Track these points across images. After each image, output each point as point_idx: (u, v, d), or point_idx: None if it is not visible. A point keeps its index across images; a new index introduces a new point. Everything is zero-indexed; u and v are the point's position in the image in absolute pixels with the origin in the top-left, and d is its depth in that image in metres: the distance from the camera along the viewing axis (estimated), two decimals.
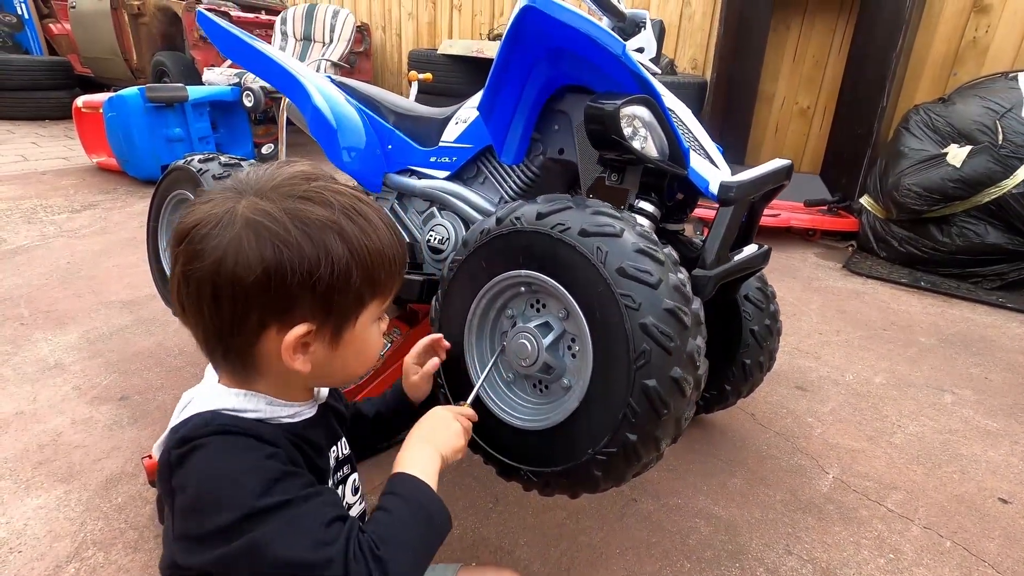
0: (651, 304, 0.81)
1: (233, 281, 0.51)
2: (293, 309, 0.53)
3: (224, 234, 0.51)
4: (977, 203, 2.55)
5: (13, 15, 6.01)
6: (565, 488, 0.92)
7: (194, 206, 0.55)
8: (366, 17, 5.63)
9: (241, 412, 0.55)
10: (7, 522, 1.16)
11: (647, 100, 1.01)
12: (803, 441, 1.53)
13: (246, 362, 0.56)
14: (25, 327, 1.88)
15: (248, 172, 0.58)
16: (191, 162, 1.52)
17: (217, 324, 0.53)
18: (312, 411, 0.63)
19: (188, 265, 0.52)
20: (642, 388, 0.81)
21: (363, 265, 0.55)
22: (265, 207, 0.52)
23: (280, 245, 0.51)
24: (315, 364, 0.57)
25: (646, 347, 0.80)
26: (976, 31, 3.05)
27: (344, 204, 0.55)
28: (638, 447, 0.84)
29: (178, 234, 0.54)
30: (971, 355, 2.02)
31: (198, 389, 0.59)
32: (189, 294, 0.53)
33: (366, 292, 0.57)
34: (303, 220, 0.52)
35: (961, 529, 1.26)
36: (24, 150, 4.27)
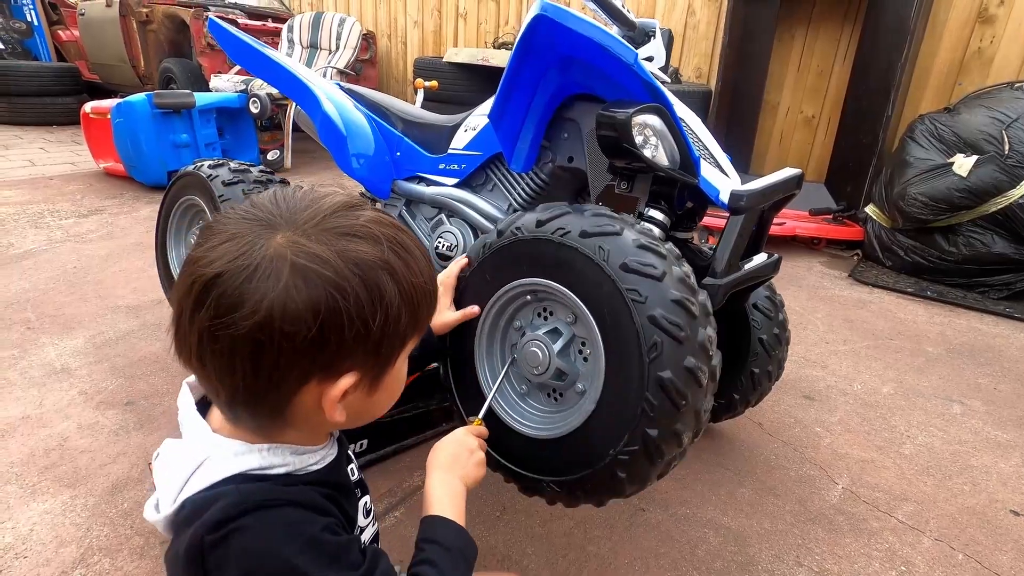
0: (658, 296, 0.82)
1: (281, 338, 0.43)
2: (341, 360, 0.47)
3: (268, 283, 0.43)
4: (983, 213, 2.55)
5: (23, 22, 6.07)
6: (590, 495, 0.90)
7: (210, 243, 0.45)
8: (372, 25, 5.67)
9: (268, 469, 0.49)
10: (13, 527, 1.15)
11: (658, 109, 1.01)
12: (811, 451, 1.52)
13: (277, 417, 0.50)
14: (32, 331, 1.88)
15: (274, 199, 0.49)
16: (201, 168, 1.52)
17: (251, 382, 0.46)
18: (334, 451, 0.58)
19: (220, 321, 0.43)
20: (657, 380, 0.81)
21: (410, 304, 0.49)
22: (312, 248, 0.44)
23: (335, 293, 0.44)
24: (351, 411, 0.51)
25: (657, 339, 0.80)
26: (981, 41, 3.05)
27: (390, 237, 0.49)
28: (660, 443, 0.83)
29: (198, 281, 0.44)
30: (979, 365, 2.01)
31: (200, 446, 0.50)
32: (217, 351, 0.45)
33: (409, 332, 0.51)
34: (357, 263, 0.45)
35: (973, 542, 1.25)
36: (32, 155, 4.29)
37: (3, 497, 1.22)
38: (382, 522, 1.21)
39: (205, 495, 0.46)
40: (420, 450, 1.44)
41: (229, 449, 0.49)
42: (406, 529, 1.20)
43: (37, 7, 6.07)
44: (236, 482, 0.47)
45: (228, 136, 3.90)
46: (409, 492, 1.30)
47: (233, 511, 0.44)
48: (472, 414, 0.96)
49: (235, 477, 0.47)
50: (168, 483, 0.48)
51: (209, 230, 0.47)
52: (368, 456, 1.34)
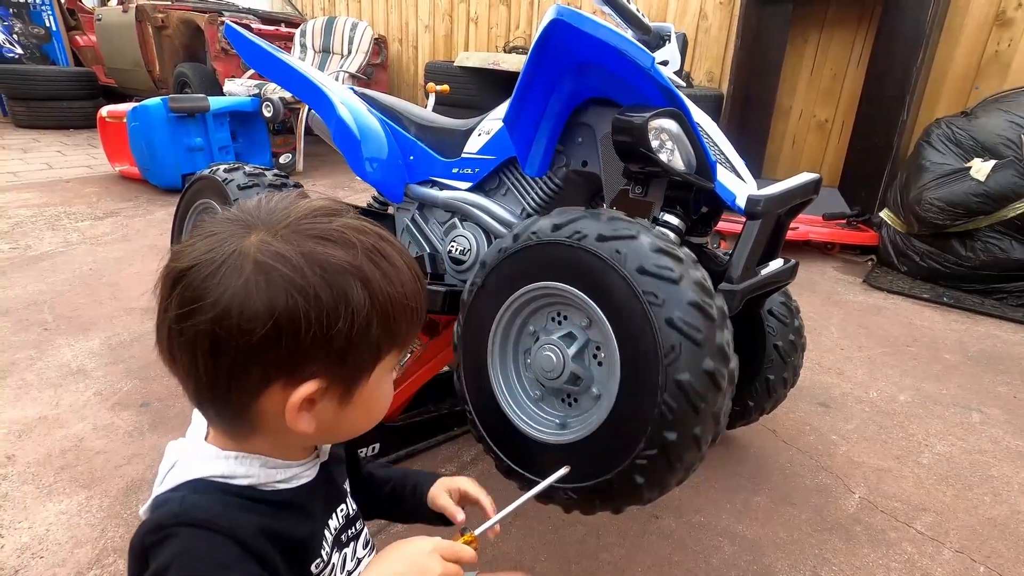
0: (675, 299, 0.81)
1: (238, 334, 0.44)
2: (303, 364, 0.46)
3: (229, 279, 0.44)
4: (1002, 218, 2.51)
5: (41, 27, 6.17)
6: (608, 502, 0.90)
7: (191, 241, 0.47)
8: (383, 30, 5.71)
9: (231, 479, 0.49)
10: (30, 527, 1.16)
11: (675, 113, 1.01)
12: (827, 459, 1.50)
13: (242, 419, 0.49)
14: (49, 332, 1.90)
15: (258, 203, 0.50)
16: (216, 172, 1.54)
17: (212, 379, 0.46)
18: (311, 474, 0.56)
19: (183, 313, 0.44)
20: (676, 383, 0.80)
21: (384, 315, 0.48)
22: (279, 248, 0.45)
23: (295, 293, 0.44)
24: (320, 423, 0.50)
25: (675, 342, 0.80)
26: (999, 45, 3.02)
27: (367, 245, 0.48)
28: (679, 447, 0.82)
29: (170, 275, 0.46)
30: (998, 373, 1.98)
31: (184, 446, 0.52)
32: (182, 344, 0.45)
33: (384, 344, 0.50)
34: (322, 265, 0.45)
35: (995, 553, 1.22)
36: (49, 158, 4.36)
37: (20, 497, 1.23)
38: (393, 527, 1.21)
39: (163, 496, 0.48)
40: (431, 455, 1.44)
41: (199, 452, 0.50)
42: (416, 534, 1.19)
43: (55, 12, 6.17)
44: (193, 486, 0.48)
45: (241, 140, 3.94)
46: None
47: (170, 520, 0.45)
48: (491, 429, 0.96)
49: (194, 482, 0.48)
50: (156, 481, 0.51)
51: (196, 228, 0.49)
52: (379, 460, 1.34)
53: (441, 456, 1.43)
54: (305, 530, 0.54)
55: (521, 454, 0.97)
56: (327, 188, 4.04)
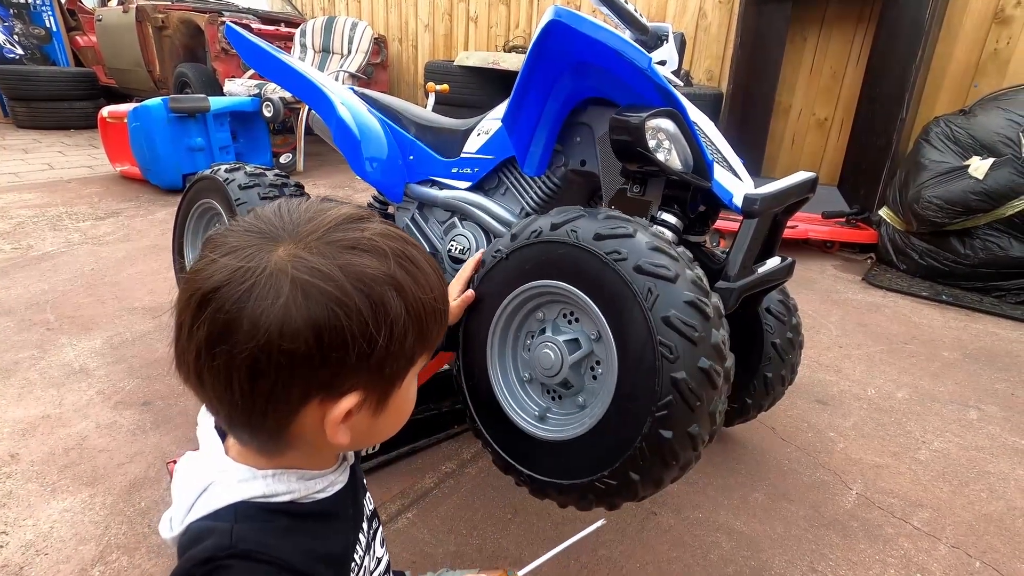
0: (671, 297, 0.82)
1: (279, 355, 0.42)
2: (343, 379, 0.45)
3: (267, 299, 0.41)
4: (1000, 216, 2.52)
5: (42, 27, 6.18)
6: (603, 498, 0.91)
7: (210, 257, 0.44)
8: (383, 29, 5.71)
9: (272, 497, 0.49)
10: (34, 524, 1.17)
11: (672, 113, 1.02)
12: (825, 456, 1.51)
13: (278, 438, 0.48)
14: (51, 332, 1.91)
15: (278, 211, 0.47)
16: (217, 172, 1.54)
17: (249, 402, 0.44)
18: (344, 479, 0.56)
19: (216, 337, 0.42)
20: (671, 381, 0.81)
21: (418, 321, 0.47)
22: (314, 262, 0.43)
23: (337, 310, 0.42)
24: (355, 433, 0.49)
25: (671, 340, 0.81)
26: (997, 43, 3.02)
27: (397, 251, 0.46)
28: (674, 444, 0.83)
29: (197, 295, 0.43)
30: (996, 371, 1.99)
31: (211, 467, 0.50)
32: (214, 369, 0.43)
33: (417, 350, 0.49)
34: (359, 277, 0.43)
35: (991, 549, 1.23)
36: (50, 159, 4.37)
37: (25, 495, 1.25)
38: (394, 523, 1.22)
39: (204, 524, 0.46)
40: (432, 452, 1.45)
41: (234, 475, 0.48)
42: (418, 531, 1.21)
43: (56, 13, 6.17)
44: (236, 511, 0.47)
45: (242, 140, 3.95)
46: (421, 494, 1.30)
47: (221, 552, 0.44)
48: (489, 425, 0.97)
49: (237, 505, 0.47)
50: (179, 503, 0.48)
51: (211, 243, 0.45)
52: (379, 458, 1.35)
53: (441, 453, 1.44)
54: (345, 539, 0.55)
55: (523, 452, 0.98)
56: (328, 188, 4.04)
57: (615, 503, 0.91)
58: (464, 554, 1.16)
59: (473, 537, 1.20)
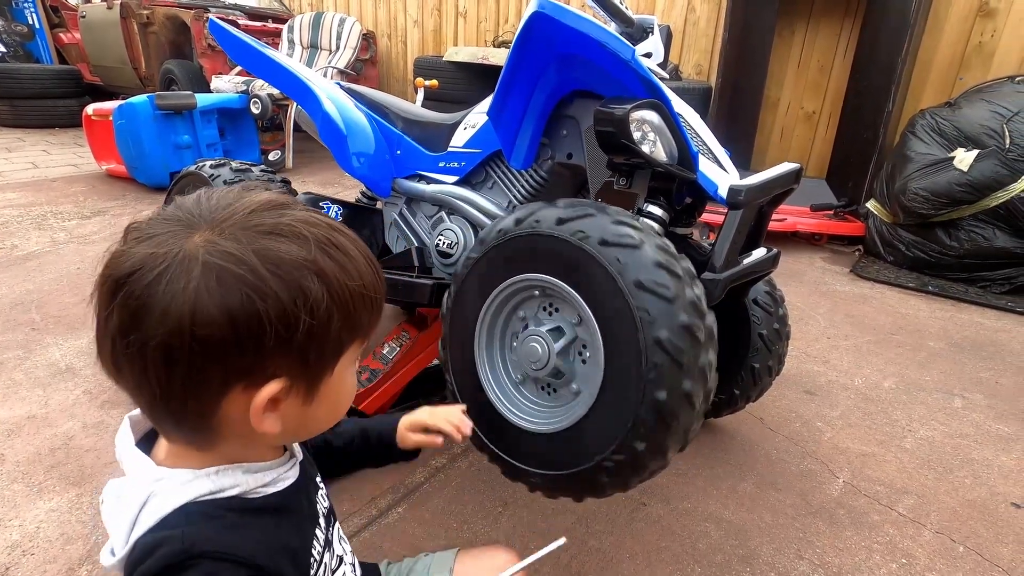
0: (667, 319, 0.82)
1: (191, 341, 0.41)
2: (264, 366, 0.44)
3: (176, 283, 0.41)
4: (985, 207, 2.55)
5: (24, 24, 6.09)
6: (570, 492, 0.92)
7: (127, 245, 0.43)
8: (372, 25, 5.68)
9: (218, 493, 0.47)
10: (20, 525, 1.16)
11: (656, 104, 1.02)
12: (812, 445, 1.52)
13: (205, 428, 0.46)
14: (36, 332, 1.89)
15: (198, 199, 0.46)
16: (203, 167, 1.53)
17: (167, 390, 0.43)
18: (294, 474, 0.55)
19: (128, 324, 0.41)
20: (652, 400, 0.82)
21: (344, 308, 0.46)
22: (227, 247, 0.42)
23: (250, 294, 0.41)
24: (286, 422, 0.48)
25: (659, 360, 0.81)
26: (982, 35, 3.05)
27: (320, 237, 0.46)
28: (645, 456, 0.85)
29: (109, 281, 0.42)
30: (981, 359, 2.01)
31: (143, 479, 0.47)
32: (130, 357, 0.42)
33: (345, 337, 0.48)
34: (275, 262, 0.43)
35: (974, 534, 1.25)
36: (35, 157, 4.31)
37: (10, 495, 1.23)
38: (385, 518, 1.22)
39: (151, 536, 0.44)
40: None
41: (175, 479, 0.46)
42: (408, 525, 1.21)
43: (38, 10, 6.09)
44: (185, 514, 0.45)
45: (230, 137, 3.91)
46: (411, 488, 1.31)
47: (175, 559, 0.42)
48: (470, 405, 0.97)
49: (184, 508, 0.45)
50: (118, 526, 0.46)
51: (131, 229, 0.45)
52: None
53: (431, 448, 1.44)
54: (301, 533, 0.54)
55: (501, 437, 0.98)
56: (317, 185, 4.02)
57: (581, 497, 0.93)
58: (455, 546, 1.16)
59: (464, 531, 1.20)
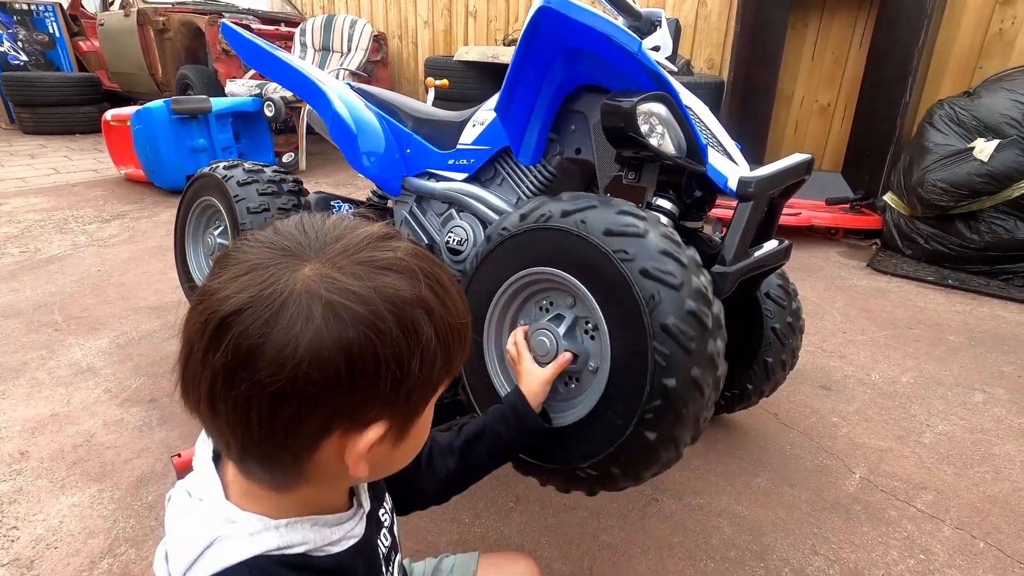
0: (673, 305, 0.82)
1: (305, 383, 0.38)
2: (369, 408, 0.42)
3: (295, 323, 0.38)
4: (1006, 198, 2.49)
5: (45, 34, 6.23)
6: (583, 485, 0.92)
7: (228, 274, 0.40)
8: (383, 26, 5.71)
9: (285, 549, 0.44)
10: (44, 519, 1.19)
11: (664, 97, 1.01)
12: (828, 441, 1.50)
13: (294, 472, 0.44)
14: (59, 332, 1.94)
15: (301, 226, 0.43)
16: (216, 169, 1.56)
17: (267, 433, 0.40)
18: (359, 532, 0.51)
19: (240, 363, 0.38)
20: (662, 388, 0.81)
21: (446, 347, 0.44)
22: (347, 283, 0.39)
23: (371, 334, 0.39)
24: (373, 465, 0.45)
25: (666, 348, 0.81)
26: (1002, 23, 2.98)
27: (427, 272, 0.43)
28: (657, 446, 0.84)
29: (213, 320, 0.38)
30: (1002, 353, 1.97)
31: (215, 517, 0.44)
32: (232, 398, 0.39)
33: (443, 376, 0.46)
34: (393, 300, 0.40)
35: (995, 530, 1.23)
36: (56, 163, 4.41)
37: (34, 491, 1.27)
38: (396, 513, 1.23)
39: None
40: None
41: (244, 528, 0.44)
42: (420, 520, 1.21)
43: (59, 19, 6.22)
44: (250, 568, 0.43)
45: (244, 140, 3.97)
46: None
47: None
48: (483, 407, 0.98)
49: (249, 563, 0.43)
50: (178, 550, 0.44)
51: (226, 259, 0.42)
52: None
53: None
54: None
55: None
56: (330, 186, 4.06)
57: (594, 490, 0.93)
58: (467, 542, 1.17)
59: (476, 525, 1.21)
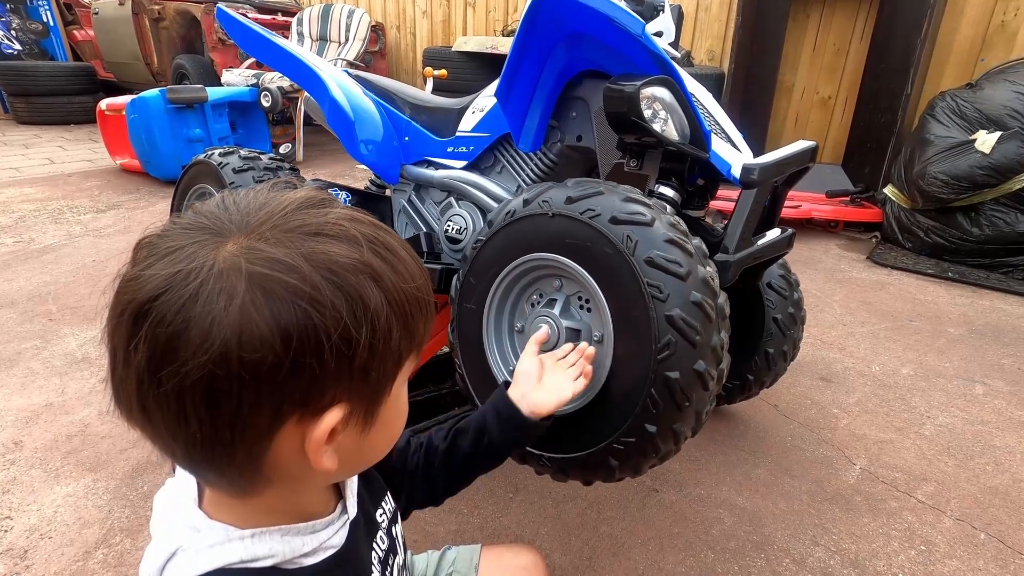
0: (679, 296, 0.81)
1: (240, 369, 0.34)
2: (322, 390, 0.37)
3: (217, 301, 0.34)
4: (1007, 191, 2.48)
5: (39, 22, 6.16)
6: (579, 475, 0.91)
7: (144, 262, 0.36)
8: (381, 16, 5.66)
9: (251, 562, 0.41)
10: (38, 509, 1.18)
11: (668, 81, 1.00)
12: (828, 432, 1.50)
13: (250, 472, 0.39)
14: (53, 322, 1.92)
15: (222, 203, 0.39)
16: (211, 156, 1.54)
17: (210, 434, 0.36)
18: (339, 541, 0.47)
19: (161, 356, 0.34)
20: (664, 380, 0.80)
21: (402, 315, 0.39)
22: (273, 252, 0.35)
23: (306, 306, 0.35)
24: (343, 455, 0.41)
25: (671, 339, 0.80)
26: (1005, 15, 2.96)
27: (369, 236, 0.39)
28: (656, 439, 0.83)
29: (129, 308, 0.34)
30: (1003, 346, 1.96)
31: (178, 526, 0.42)
32: (163, 397, 0.35)
33: (404, 349, 0.41)
34: (329, 267, 0.36)
35: (996, 521, 1.22)
36: (51, 153, 4.37)
37: (28, 481, 1.25)
38: None
39: None
40: None
41: (207, 539, 0.41)
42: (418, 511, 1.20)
43: (53, 8, 6.15)
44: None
45: (241, 130, 3.93)
46: None
47: None
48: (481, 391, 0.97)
49: (212, 573, 0.40)
50: (147, 557, 0.42)
51: (142, 246, 0.38)
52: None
53: None
54: None
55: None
56: (327, 177, 4.01)
57: (590, 480, 0.92)
58: (465, 532, 1.16)
59: (474, 516, 1.20)
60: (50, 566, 1.06)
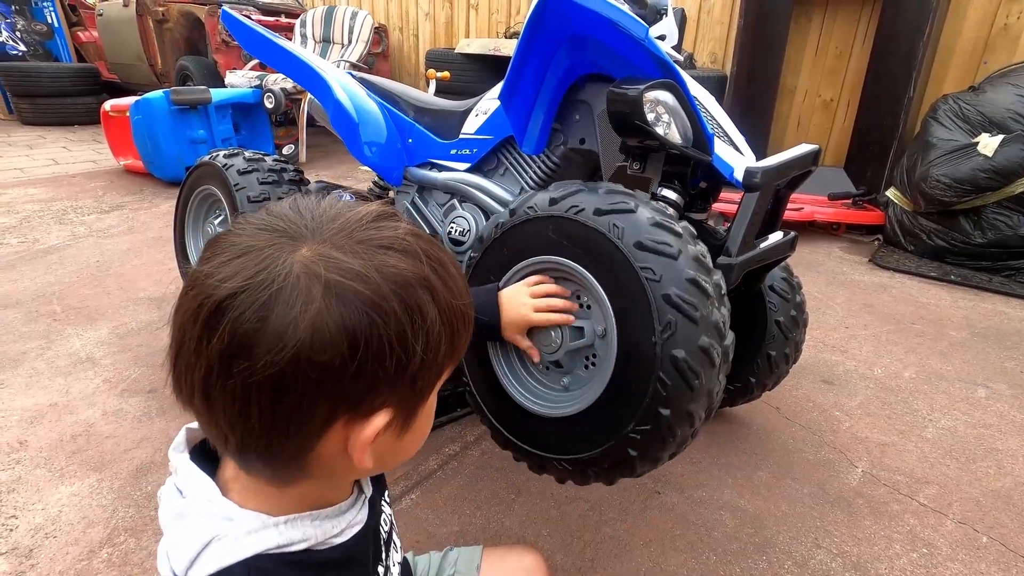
0: (672, 275, 0.81)
1: (308, 368, 0.36)
2: (374, 395, 0.40)
3: (294, 305, 0.36)
4: (1009, 194, 2.48)
5: (43, 24, 6.19)
6: (601, 474, 0.91)
7: (220, 257, 0.38)
8: (383, 18, 5.68)
9: (286, 547, 0.43)
10: (43, 508, 1.19)
11: (671, 85, 1.00)
12: (830, 435, 1.50)
13: (295, 465, 0.42)
14: (58, 323, 1.93)
15: (296, 206, 0.42)
16: (216, 158, 1.54)
17: (268, 424, 0.38)
18: (362, 519, 0.50)
19: (236, 351, 0.36)
20: (671, 360, 0.80)
21: (450, 330, 0.42)
22: (347, 262, 0.37)
23: (374, 315, 0.37)
24: (378, 456, 0.43)
25: (671, 318, 0.80)
26: (1008, 17, 2.96)
27: (428, 253, 0.42)
28: (671, 422, 0.83)
29: (207, 306, 0.36)
30: (1005, 349, 1.96)
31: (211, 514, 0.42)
32: (231, 389, 0.37)
33: (447, 362, 0.44)
34: (396, 280, 0.38)
35: (998, 524, 1.22)
36: (55, 154, 4.39)
37: (33, 480, 1.26)
38: (397, 505, 1.22)
39: None
40: (435, 434, 1.45)
41: (243, 526, 0.42)
42: (422, 512, 1.21)
43: (57, 9, 6.18)
44: (249, 568, 0.41)
45: (244, 131, 3.94)
46: (424, 475, 1.31)
47: None
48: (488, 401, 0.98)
49: (249, 562, 0.41)
50: (176, 549, 0.42)
51: (218, 243, 0.40)
52: None
53: (444, 436, 1.45)
54: (372, 570, 0.51)
55: (523, 430, 0.98)
56: (330, 178, 4.03)
57: (613, 479, 0.92)
58: (468, 533, 1.16)
59: (477, 517, 1.20)
60: (55, 565, 1.06)
